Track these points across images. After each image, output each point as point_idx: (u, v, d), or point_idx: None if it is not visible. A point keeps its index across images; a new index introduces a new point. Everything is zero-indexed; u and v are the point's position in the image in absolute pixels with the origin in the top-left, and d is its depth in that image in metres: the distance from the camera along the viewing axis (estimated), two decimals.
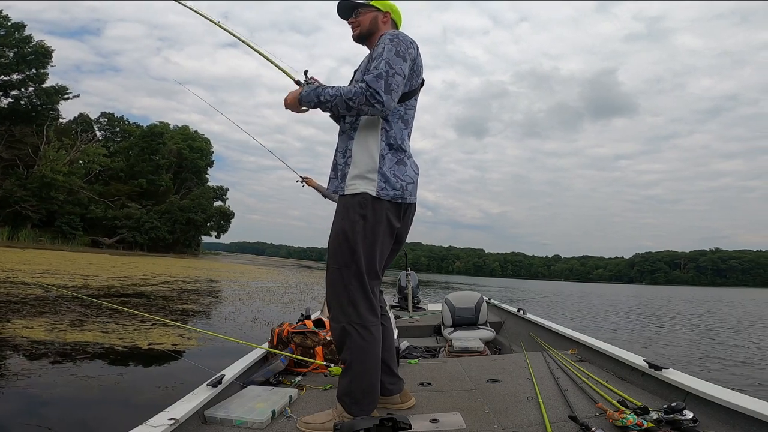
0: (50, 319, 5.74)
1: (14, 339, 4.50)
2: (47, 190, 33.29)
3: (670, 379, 1.91)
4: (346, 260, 1.72)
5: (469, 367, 2.61)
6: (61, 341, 4.60)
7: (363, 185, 1.73)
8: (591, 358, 2.63)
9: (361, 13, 1.91)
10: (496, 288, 32.19)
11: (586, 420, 1.68)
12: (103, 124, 50.34)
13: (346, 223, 1.73)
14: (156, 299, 9.18)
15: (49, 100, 35.19)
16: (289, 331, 2.62)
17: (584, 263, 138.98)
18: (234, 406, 1.83)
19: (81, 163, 39.01)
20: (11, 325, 5.12)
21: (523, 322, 4.05)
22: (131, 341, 4.95)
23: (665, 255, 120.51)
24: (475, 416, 1.82)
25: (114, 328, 5.59)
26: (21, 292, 7.94)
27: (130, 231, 41.48)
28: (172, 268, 20.34)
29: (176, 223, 44.46)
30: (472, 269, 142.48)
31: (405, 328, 4.58)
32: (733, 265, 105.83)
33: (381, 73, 1.67)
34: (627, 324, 12.27)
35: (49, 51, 34.06)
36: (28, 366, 3.63)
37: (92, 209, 39.56)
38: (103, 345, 4.64)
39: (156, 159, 46.66)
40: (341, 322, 1.72)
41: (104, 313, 6.48)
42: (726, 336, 10.05)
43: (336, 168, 1.86)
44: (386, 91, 1.66)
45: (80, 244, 36.05)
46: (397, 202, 1.77)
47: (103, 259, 22.36)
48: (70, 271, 13.40)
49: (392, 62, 1.69)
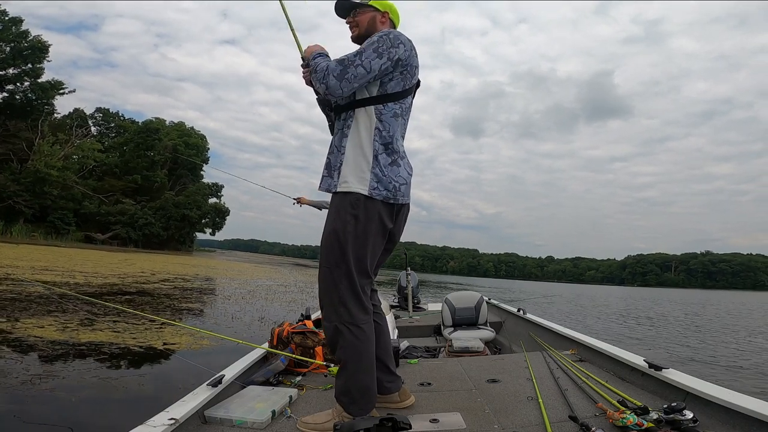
0: (59, 318, 5.69)
1: (28, 339, 4.45)
2: (41, 184, 32.95)
3: (670, 379, 1.91)
4: (337, 260, 1.72)
5: (469, 367, 2.61)
6: (75, 341, 4.56)
7: (355, 184, 1.72)
8: (591, 358, 2.63)
9: (360, 13, 1.89)
10: (488, 288, 32.32)
11: (586, 420, 1.67)
12: (98, 119, 49.84)
13: (337, 223, 1.73)
14: (160, 298, 9.12)
15: (45, 95, 34.89)
16: (289, 331, 2.62)
17: (577, 264, 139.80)
18: (234, 406, 1.83)
19: (75, 158, 38.61)
20: (21, 324, 5.07)
21: (523, 322, 4.05)
22: (145, 341, 4.91)
23: (656, 257, 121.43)
24: (475, 416, 1.82)
25: (125, 327, 5.54)
26: (24, 290, 7.86)
27: (124, 227, 41.13)
28: (170, 266, 20.20)
29: (171, 219, 44.16)
30: (466, 269, 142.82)
31: (405, 328, 4.57)
32: (723, 268, 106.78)
33: (345, 59, 1.70)
34: (616, 326, 12.38)
35: (45, 46, 33.76)
36: (49, 367, 3.59)
37: (86, 205, 39.17)
38: (119, 345, 4.60)
39: (151, 155, 46.29)
40: (333, 322, 1.72)
41: (112, 312, 6.42)
42: (708, 335, 10.17)
43: (329, 166, 1.84)
44: (338, 77, 1.68)
45: (73, 240, 35.67)
46: (389, 202, 1.76)
47: (99, 256, 22.16)
48: (69, 268, 13.26)
49: (363, 54, 1.70)
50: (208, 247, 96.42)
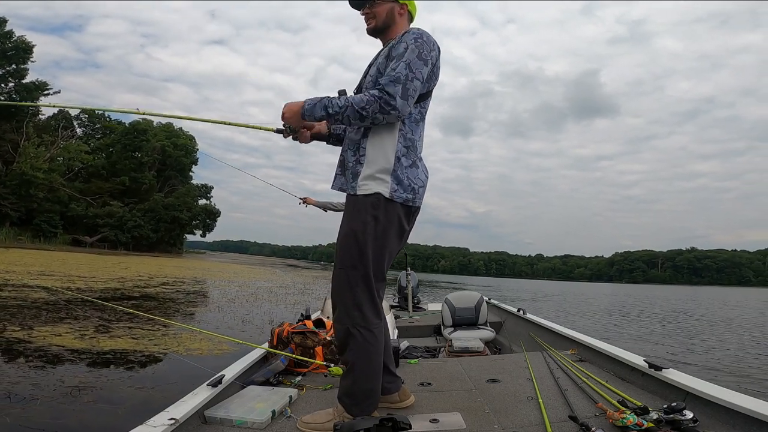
0: (73, 325, 5.54)
1: (50, 347, 4.33)
2: (27, 187, 32.31)
3: (670, 379, 1.90)
4: (354, 262, 1.68)
5: (469, 367, 2.60)
6: (98, 349, 4.44)
7: (376, 186, 1.68)
8: (591, 358, 2.63)
9: (377, 4, 1.80)
10: (479, 287, 32.47)
11: (586, 420, 1.67)
12: (83, 120, 48.80)
13: (356, 224, 1.67)
14: (165, 302, 8.98)
15: (29, 96, 34.10)
16: (289, 331, 2.59)
17: (566, 262, 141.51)
18: (234, 406, 1.82)
19: (60, 160, 37.87)
20: (37, 332, 4.92)
21: (523, 322, 4.02)
22: (166, 347, 4.81)
23: (643, 254, 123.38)
24: (475, 416, 1.81)
25: (141, 333, 5.42)
26: (28, 296, 7.66)
27: (112, 230, 40.50)
28: (165, 269, 19.92)
29: (160, 221, 43.59)
30: (457, 268, 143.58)
31: (405, 328, 4.54)
32: (709, 265, 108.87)
33: (399, 76, 1.60)
34: (602, 323, 12.54)
35: (30, 46, 33.28)
36: (83, 378, 3.47)
37: (72, 207, 38.47)
38: (142, 352, 4.50)
39: (139, 156, 45.62)
40: (345, 324, 1.69)
41: (124, 318, 6.29)
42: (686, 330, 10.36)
43: (344, 165, 1.78)
44: (403, 96, 1.60)
45: (61, 243, 35.03)
46: (408, 205, 1.73)
47: (91, 259, 21.75)
48: (65, 273, 13.00)
49: (413, 65, 1.62)
50: (197, 248, 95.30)
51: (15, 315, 5.87)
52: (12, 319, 5.55)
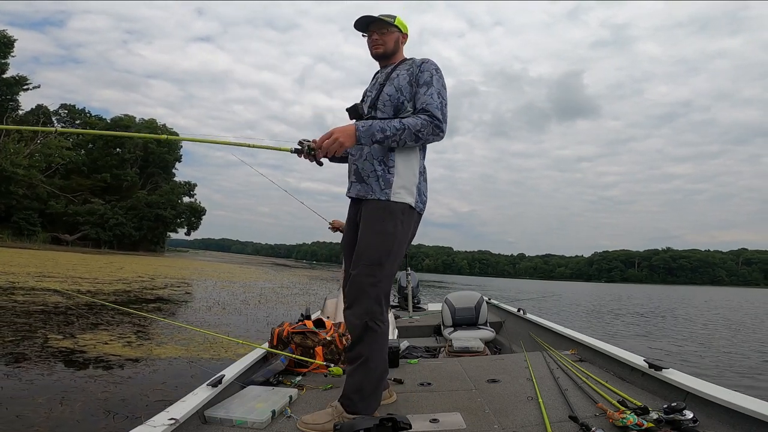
0: (112, 332, 5.39)
1: (108, 358, 4.19)
2: (6, 184, 31.11)
3: (670, 379, 1.91)
4: (382, 259, 1.78)
5: (469, 367, 2.60)
6: (154, 357, 4.33)
7: (407, 196, 1.85)
8: (591, 358, 2.63)
9: (388, 33, 1.97)
10: (465, 286, 32.70)
11: (586, 420, 1.67)
12: (62, 116, 47.21)
13: (388, 225, 1.80)
14: (180, 305, 8.82)
15: (9, 90, 32.95)
16: (289, 331, 2.60)
17: (547, 261, 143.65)
18: (234, 406, 1.83)
19: (38, 156, 36.57)
20: (82, 341, 4.76)
21: (523, 322, 4.04)
22: (217, 354, 4.71)
23: (621, 254, 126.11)
24: (475, 416, 1.82)
25: (183, 339, 5.31)
26: (46, 300, 7.41)
27: (93, 227, 39.39)
28: (160, 269, 19.50)
29: (144, 219, 42.59)
30: (441, 267, 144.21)
31: (405, 328, 4.55)
32: (684, 264, 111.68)
33: (438, 104, 1.82)
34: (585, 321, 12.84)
35: (11, 41, 32.24)
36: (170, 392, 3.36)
37: (51, 204, 37.23)
38: (204, 358, 4.41)
39: (121, 153, 44.42)
40: (364, 318, 1.75)
41: (156, 323, 6.14)
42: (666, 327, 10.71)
43: (363, 174, 1.87)
44: (444, 120, 1.83)
45: (40, 241, 33.85)
46: (420, 213, 1.95)
47: (82, 259, 21.11)
48: (64, 273, 12.62)
49: (442, 93, 1.86)
50: (179, 247, 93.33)
51: (46, 322, 5.67)
52: (47, 327, 5.36)
